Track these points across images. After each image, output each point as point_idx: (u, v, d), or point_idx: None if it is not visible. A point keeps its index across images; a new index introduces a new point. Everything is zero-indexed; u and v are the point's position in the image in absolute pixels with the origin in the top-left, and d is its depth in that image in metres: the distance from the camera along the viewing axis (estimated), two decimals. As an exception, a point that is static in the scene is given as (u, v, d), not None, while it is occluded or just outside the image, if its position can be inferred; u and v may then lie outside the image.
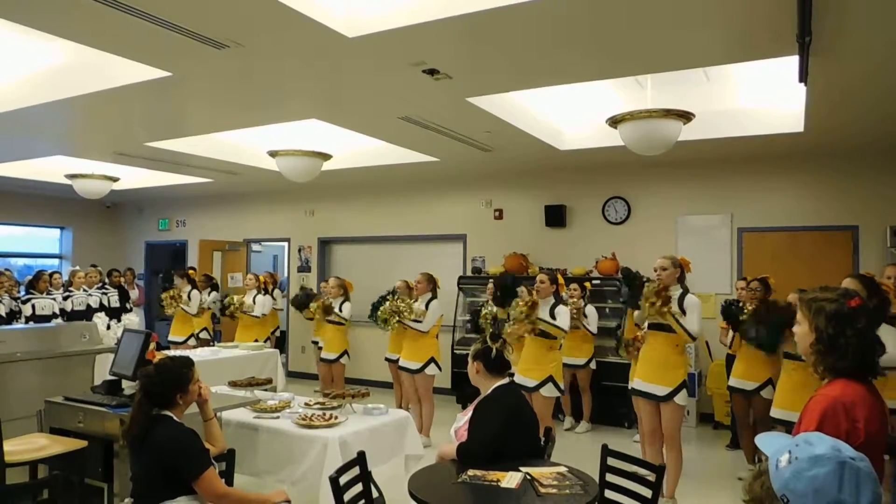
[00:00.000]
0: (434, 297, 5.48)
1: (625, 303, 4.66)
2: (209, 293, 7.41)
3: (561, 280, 4.96)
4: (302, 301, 7.35)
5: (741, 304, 4.86)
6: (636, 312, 4.28)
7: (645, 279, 4.27)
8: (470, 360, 2.93)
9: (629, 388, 4.35)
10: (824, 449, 1.12)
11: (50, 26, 3.44)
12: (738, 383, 4.77)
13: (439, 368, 5.48)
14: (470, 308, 7.26)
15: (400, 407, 6.10)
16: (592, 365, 6.06)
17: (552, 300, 4.79)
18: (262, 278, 7.26)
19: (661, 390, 4.00)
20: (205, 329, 7.31)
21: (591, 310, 5.94)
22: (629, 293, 4.31)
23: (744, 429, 4.88)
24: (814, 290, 1.70)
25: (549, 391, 4.64)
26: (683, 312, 3.92)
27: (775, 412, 4.11)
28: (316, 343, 7.31)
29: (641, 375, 4.15)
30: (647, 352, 4.19)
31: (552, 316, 4.69)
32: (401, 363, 5.60)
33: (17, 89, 4.87)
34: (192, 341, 7.15)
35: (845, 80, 4.09)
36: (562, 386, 4.77)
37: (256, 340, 6.66)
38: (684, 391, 4.02)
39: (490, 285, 6.04)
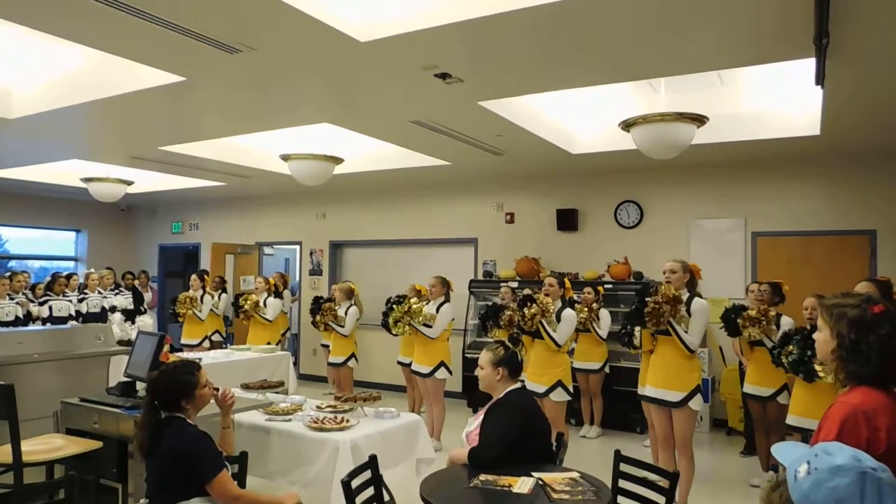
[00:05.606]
0: (447, 300, 5.47)
1: (631, 318, 4.59)
2: (220, 295, 7.45)
3: (568, 284, 4.94)
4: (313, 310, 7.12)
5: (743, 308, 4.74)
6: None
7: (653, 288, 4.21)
8: (489, 365, 2.85)
9: (639, 393, 4.31)
10: (844, 459, 1.10)
11: (65, 31, 3.49)
12: (752, 390, 4.69)
13: (450, 372, 5.45)
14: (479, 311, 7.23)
15: (413, 411, 6.09)
16: (606, 369, 6.02)
17: (559, 303, 4.77)
18: (271, 280, 7.27)
19: (675, 396, 3.94)
20: (217, 331, 7.35)
21: (604, 313, 5.90)
22: (635, 312, 4.23)
23: (760, 435, 4.83)
24: (835, 295, 1.67)
25: (558, 396, 4.61)
26: (690, 316, 3.89)
27: (791, 419, 4.05)
28: (326, 347, 7.31)
29: (653, 381, 4.07)
30: (657, 357, 4.12)
31: (558, 319, 4.66)
32: (413, 367, 5.59)
33: (35, 94, 4.95)
34: (205, 343, 7.18)
35: (863, 82, 4.04)
36: (570, 389, 4.73)
37: (269, 343, 6.69)
38: (698, 396, 3.95)
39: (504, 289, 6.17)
